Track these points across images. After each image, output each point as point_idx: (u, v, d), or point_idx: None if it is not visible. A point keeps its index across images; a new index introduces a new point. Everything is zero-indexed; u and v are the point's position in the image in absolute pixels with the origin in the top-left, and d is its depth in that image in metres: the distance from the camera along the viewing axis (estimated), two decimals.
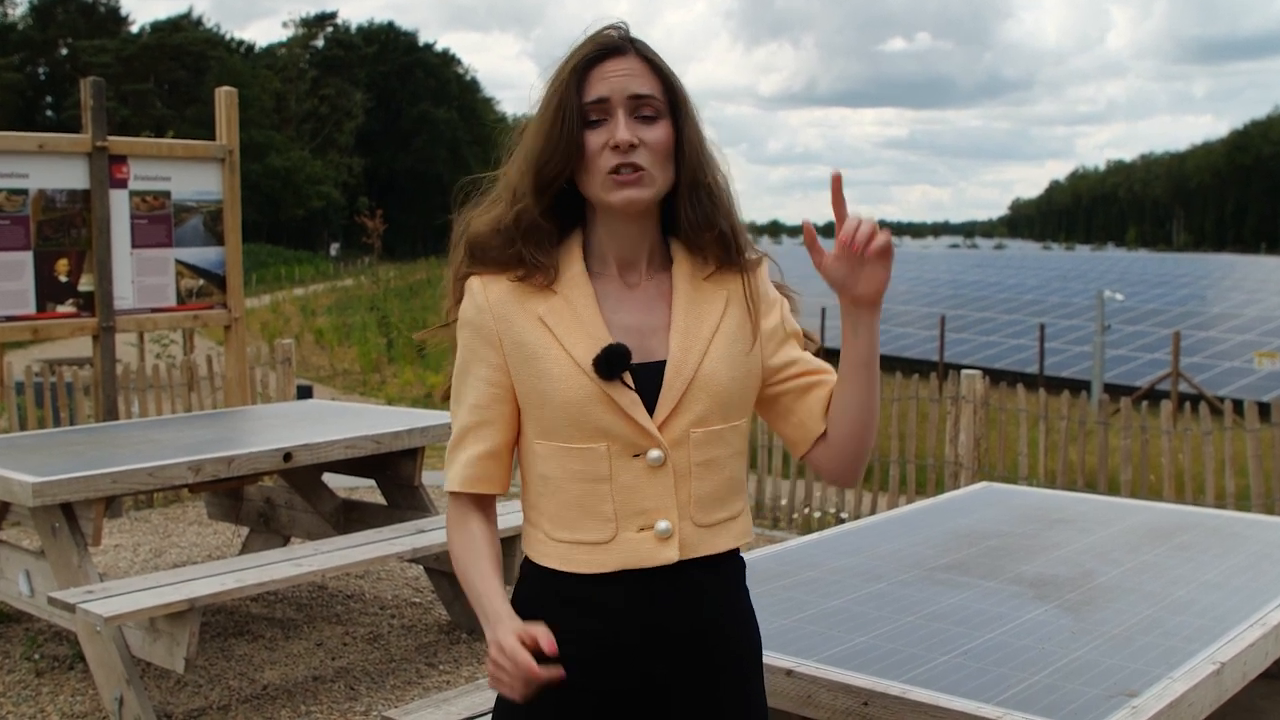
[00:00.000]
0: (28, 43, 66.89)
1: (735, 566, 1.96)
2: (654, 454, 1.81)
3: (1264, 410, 6.87)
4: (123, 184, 6.99)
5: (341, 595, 6.01)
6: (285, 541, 6.19)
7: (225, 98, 7.50)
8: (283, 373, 8.83)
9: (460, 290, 1.89)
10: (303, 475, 5.80)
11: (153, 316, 7.20)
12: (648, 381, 1.82)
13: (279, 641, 5.32)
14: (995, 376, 8.47)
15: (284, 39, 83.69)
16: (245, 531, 6.70)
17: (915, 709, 2.33)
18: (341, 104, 76.68)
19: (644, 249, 1.89)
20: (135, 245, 7.05)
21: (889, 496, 7.77)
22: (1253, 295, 27.43)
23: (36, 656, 5.10)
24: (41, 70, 69.99)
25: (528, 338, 1.82)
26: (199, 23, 75.11)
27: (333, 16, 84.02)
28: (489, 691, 3.57)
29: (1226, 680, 2.55)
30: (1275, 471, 6.55)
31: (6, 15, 67.57)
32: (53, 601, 4.20)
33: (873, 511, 7.69)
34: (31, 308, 6.67)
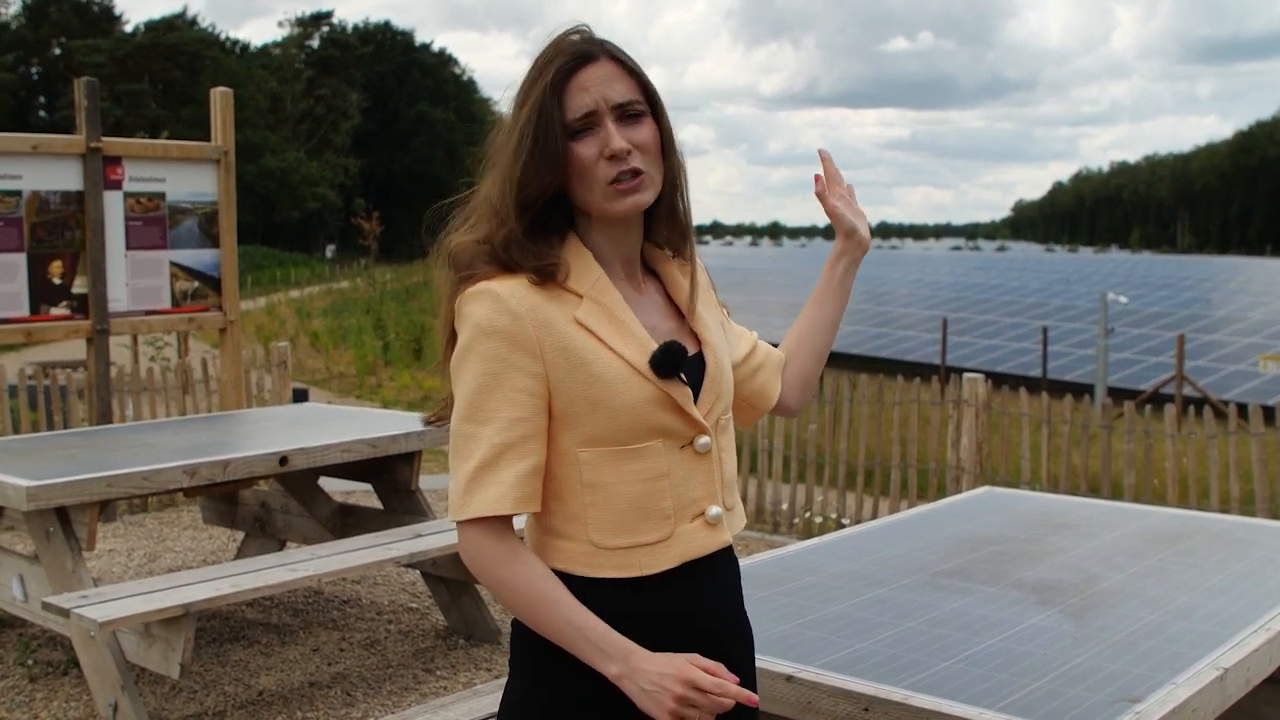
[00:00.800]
0: (20, 42, 66.89)
1: (737, 559, 2.00)
2: (703, 440, 1.84)
3: (1269, 414, 6.88)
4: (117, 185, 7.00)
5: (338, 600, 6.01)
6: (281, 546, 6.19)
7: (220, 98, 7.51)
8: (278, 376, 8.83)
9: (451, 312, 1.82)
10: (298, 479, 5.81)
11: (147, 319, 7.21)
12: (688, 375, 1.85)
13: (275, 647, 5.33)
14: (998, 380, 8.48)
15: (279, 38, 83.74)
16: (240, 536, 6.70)
17: (917, 715, 2.33)
18: (337, 104, 76.64)
19: (639, 248, 1.92)
20: (129, 247, 7.05)
21: (890, 501, 7.77)
22: (1258, 298, 27.44)
23: (30, 662, 5.10)
24: (35, 70, 70.00)
25: (572, 343, 1.77)
26: (193, 22, 75.10)
27: (328, 16, 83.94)
28: (487, 697, 3.57)
29: (1230, 686, 2.55)
30: None
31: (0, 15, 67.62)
32: (46, 606, 4.20)
33: (874, 516, 7.69)
34: (25, 310, 6.68)
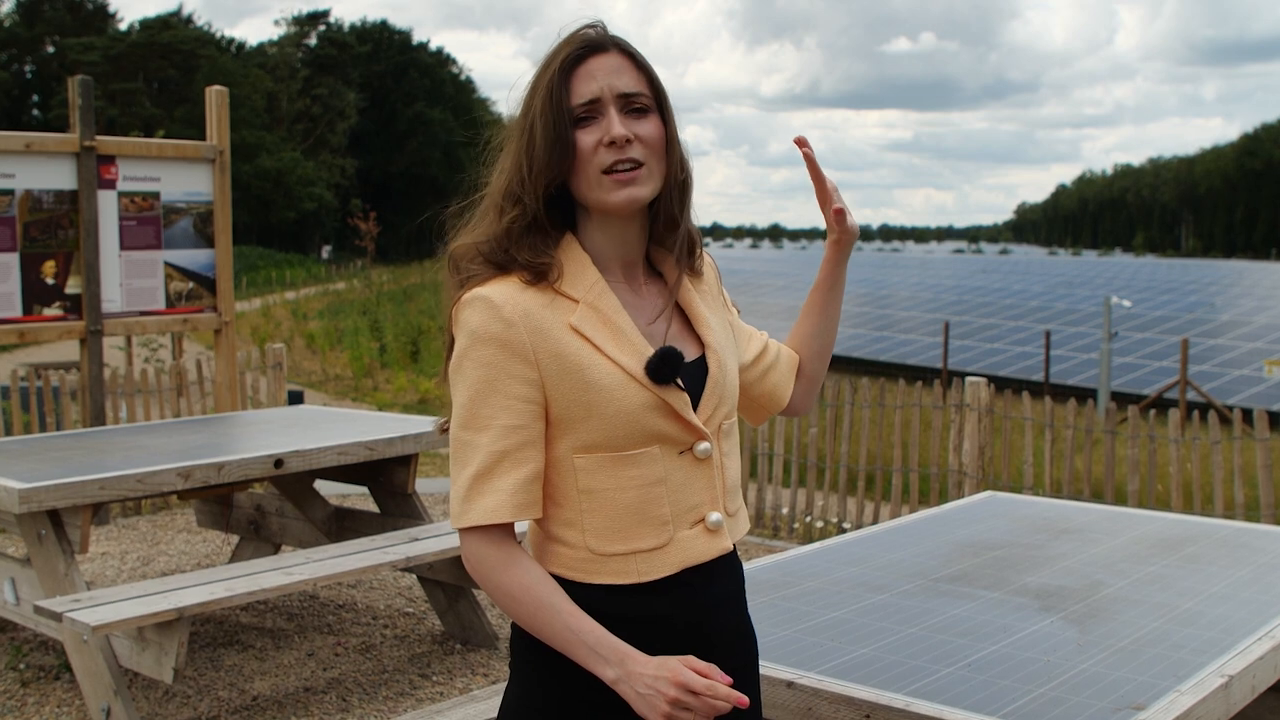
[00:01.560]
0: (14, 40, 66.90)
1: (741, 565, 2.01)
2: (703, 446, 1.85)
3: (1274, 419, 6.88)
4: (111, 184, 7.00)
5: (333, 605, 6.01)
6: (276, 550, 6.19)
7: (215, 97, 7.51)
8: (273, 378, 8.83)
9: (450, 318, 1.83)
10: (294, 482, 5.81)
11: (141, 320, 7.21)
12: (685, 382, 1.85)
13: (269, 652, 5.32)
14: (1000, 384, 8.48)
15: (275, 37, 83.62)
16: (235, 539, 6.70)
17: None
18: (334, 104, 76.63)
19: (641, 251, 1.92)
20: (123, 247, 7.05)
21: (891, 506, 7.77)
22: (1262, 302, 27.46)
23: (22, 666, 5.10)
24: (28, 68, 69.98)
25: (566, 349, 1.78)
26: (189, 20, 75.08)
27: (325, 15, 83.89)
28: (483, 703, 3.57)
29: (1235, 694, 2.55)
30: None
31: None
32: (39, 610, 4.20)
33: (875, 521, 7.70)
34: (18, 310, 6.68)
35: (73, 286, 6.85)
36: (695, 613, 1.85)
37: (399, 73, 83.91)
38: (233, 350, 7.67)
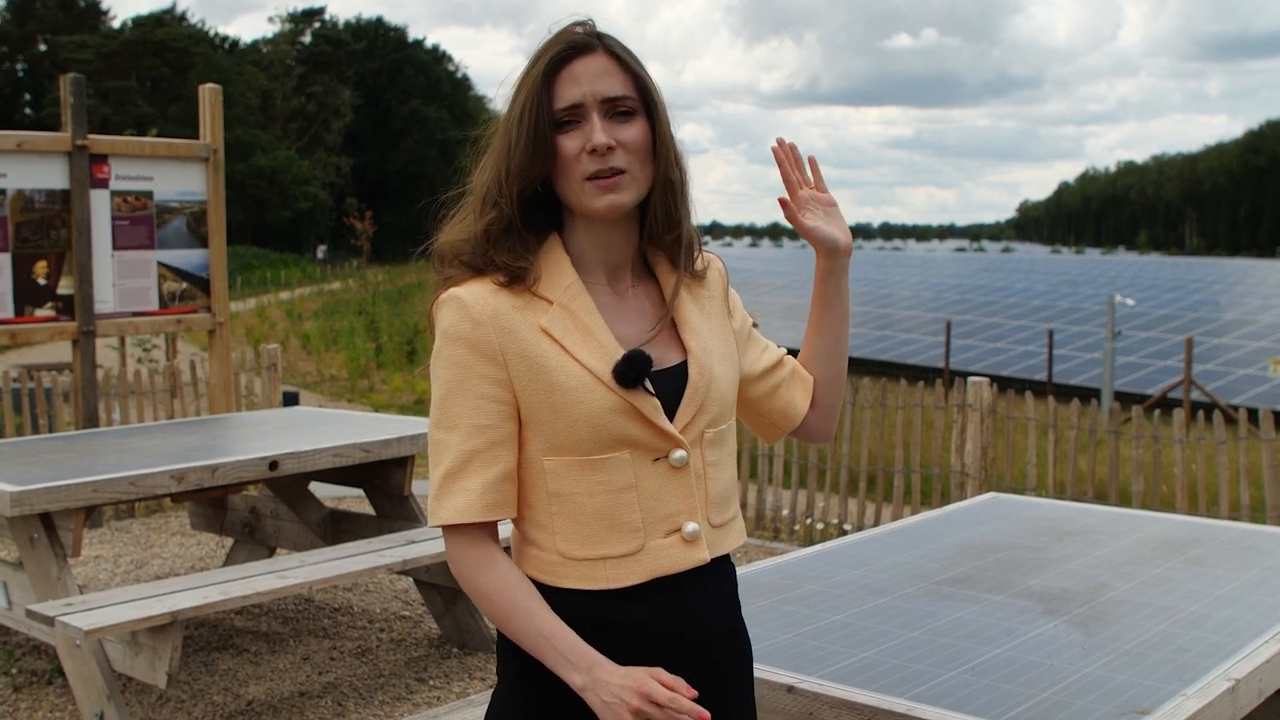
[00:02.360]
0: (5, 38, 66.92)
1: (733, 571, 1.99)
2: (678, 454, 1.83)
3: (1279, 419, 6.87)
4: (103, 184, 7.00)
5: (329, 608, 6.01)
6: (271, 553, 6.19)
7: (209, 95, 7.51)
8: (268, 379, 8.82)
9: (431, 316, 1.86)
10: (289, 484, 5.80)
11: (134, 320, 7.20)
12: (661, 386, 1.83)
13: (264, 656, 5.32)
14: (1003, 384, 8.48)
15: (270, 35, 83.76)
16: (229, 542, 6.70)
17: None
18: (329, 102, 76.66)
19: (628, 254, 1.91)
20: (116, 247, 7.05)
21: (893, 507, 7.77)
22: (1268, 301, 27.47)
23: (14, 671, 5.09)
24: (20, 67, 70.01)
25: (533, 350, 1.79)
26: (182, 18, 75.06)
27: (320, 12, 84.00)
28: (480, 708, 3.57)
29: (1241, 698, 2.55)
30: None
31: None
32: (31, 614, 4.19)
33: (876, 523, 7.70)
34: (9, 311, 6.67)
35: (65, 287, 6.84)
36: (672, 621, 1.84)
37: (394, 70, 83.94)
38: (227, 351, 7.66)
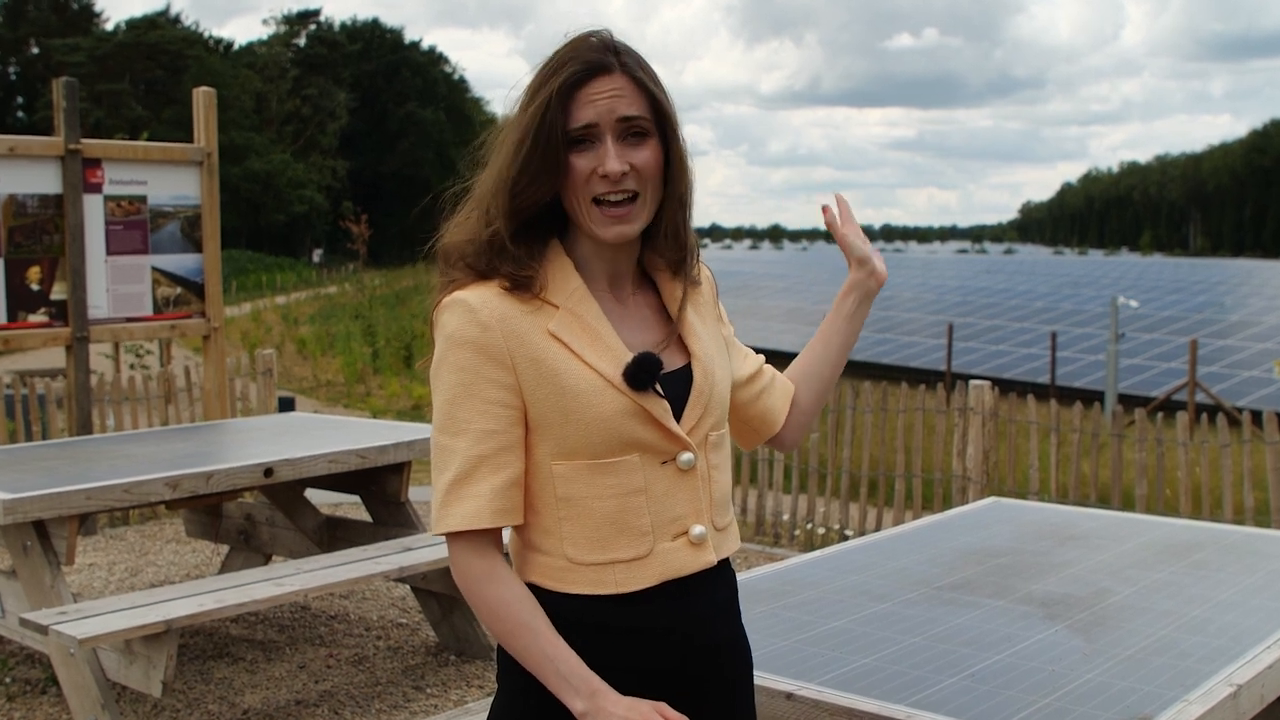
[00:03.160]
0: None
1: (734, 575, 2.01)
2: (685, 456, 1.84)
3: None
4: (97, 188, 7.00)
5: (325, 616, 6.01)
6: (266, 560, 6.19)
7: (203, 98, 7.51)
8: (264, 384, 8.83)
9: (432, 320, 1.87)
10: (284, 491, 5.81)
11: (128, 326, 7.21)
12: (668, 390, 1.85)
13: (260, 664, 5.32)
14: (1005, 387, 8.48)
15: (265, 37, 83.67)
16: (225, 550, 6.70)
17: None
18: (325, 104, 76.63)
19: (631, 264, 1.93)
20: (110, 252, 7.05)
21: (894, 512, 7.77)
22: (1272, 302, 27.48)
23: (8, 680, 5.10)
24: (12, 70, 69.99)
25: (543, 354, 1.79)
26: (176, 20, 75.07)
27: (315, 14, 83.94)
28: (478, 716, 3.57)
29: (1244, 703, 2.55)
30: None
31: None
32: (24, 623, 4.20)
33: (877, 528, 7.70)
34: (2, 317, 6.68)
35: (58, 292, 6.85)
36: (681, 624, 1.85)
37: (390, 72, 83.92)
38: (222, 356, 7.67)
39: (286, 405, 9.56)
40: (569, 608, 1.82)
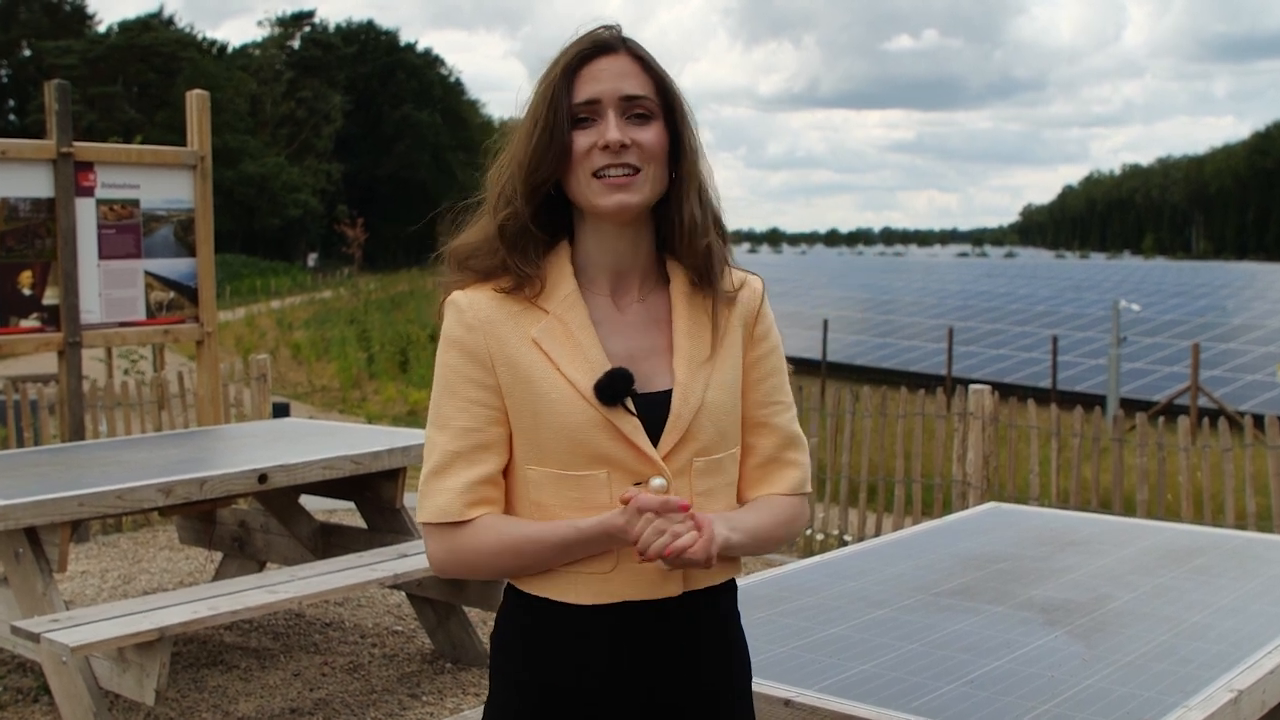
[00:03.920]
0: None
1: (731, 597, 1.98)
2: (657, 481, 1.81)
3: None
4: (89, 192, 7.00)
5: (320, 623, 6.01)
6: (260, 567, 6.19)
7: (197, 101, 7.52)
8: (258, 390, 8.83)
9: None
10: (279, 497, 5.81)
11: (121, 331, 7.21)
12: (649, 410, 1.82)
13: (254, 672, 5.32)
14: (1005, 391, 8.49)
15: (259, 39, 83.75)
16: (218, 557, 6.70)
17: None
18: (319, 107, 76.66)
19: (637, 263, 1.90)
20: (102, 256, 7.05)
21: (894, 518, 7.78)
22: (1275, 305, 27.50)
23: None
24: (3, 72, 70.02)
25: (521, 359, 1.82)
26: (169, 22, 75.12)
27: (310, 15, 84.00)
28: None
29: (1244, 709, 2.56)
30: None
31: None
32: (16, 631, 4.20)
33: (877, 533, 7.70)
34: None
35: (50, 297, 6.85)
36: (633, 637, 1.84)
37: (386, 74, 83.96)
38: (215, 362, 7.67)
39: (281, 411, 9.57)
40: (537, 609, 1.86)
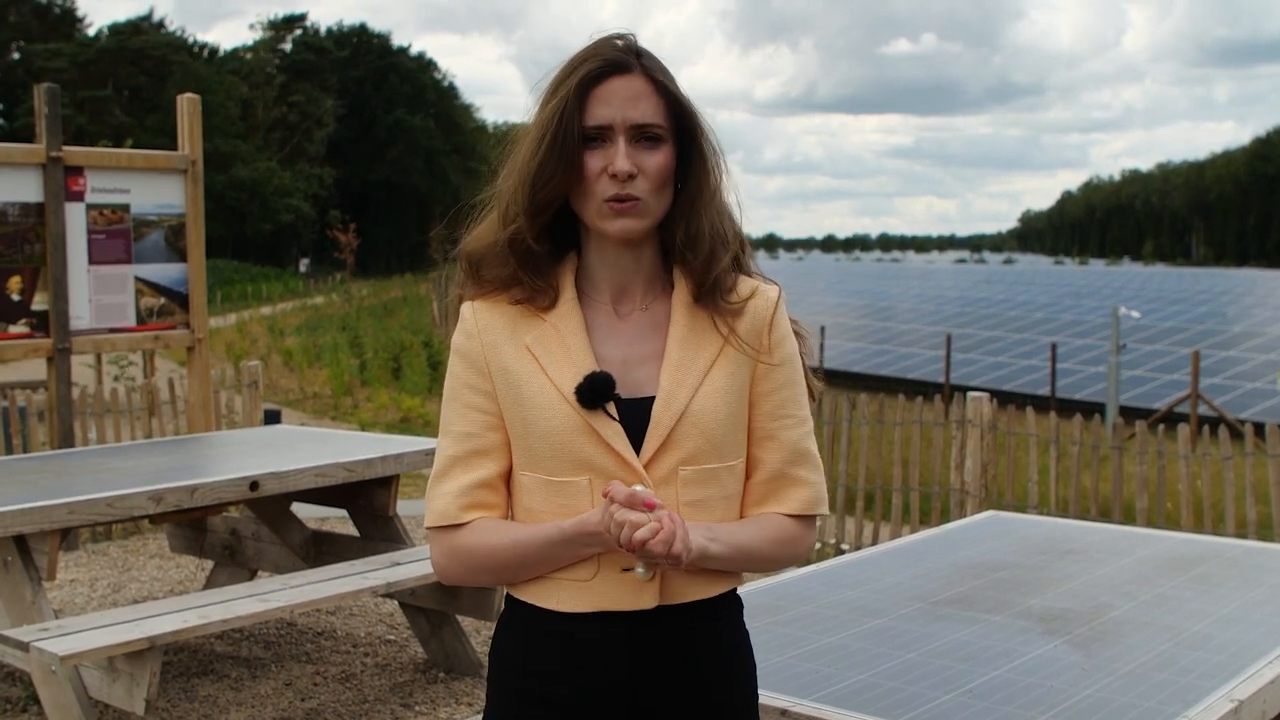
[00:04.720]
0: None
1: (733, 609, 1.96)
2: (636, 488, 1.78)
3: None
4: (79, 197, 7.00)
5: (311, 632, 6.00)
6: (252, 575, 6.18)
7: (188, 105, 7.52)
8: (249, 396, 8.83)
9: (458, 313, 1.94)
10: (270, 505, 5.80)
11: (111, 337, 7.21)
12: (636, 417, 1.83)
13: (245, 682, 5.32)
14: (1004, 399, 8.51)
15: (250, 42, 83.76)
16: (209, 565, 6.69)
17: None
18: (311, 111, 76.69)
19: (639, 276, 1.91)
20: (92, 261, 7.05)
21: (891, 526, 7.78)
22: (1276, 312, 27.56)
23: None
24: None
25: (513, 365, 1.85)
26: (160, 25, 75.13)
27: (302, 18, 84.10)
28: None
29: (1244, 719, 2.56)
30: None
31: None
32: (4, 640, 4.19)
33: (874, 542, 7.71)
34: None
35: (39, 303, 6.85)
36: (614, 647, 1.84)
37: (378, 78, 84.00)
38: (206, 368, 7.66)
39: (272, 418, 9.55)
40: (522, 612, 1.89)
